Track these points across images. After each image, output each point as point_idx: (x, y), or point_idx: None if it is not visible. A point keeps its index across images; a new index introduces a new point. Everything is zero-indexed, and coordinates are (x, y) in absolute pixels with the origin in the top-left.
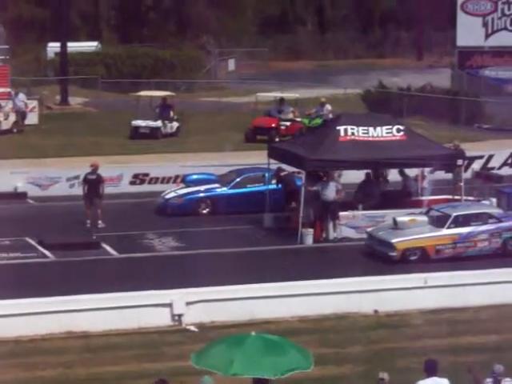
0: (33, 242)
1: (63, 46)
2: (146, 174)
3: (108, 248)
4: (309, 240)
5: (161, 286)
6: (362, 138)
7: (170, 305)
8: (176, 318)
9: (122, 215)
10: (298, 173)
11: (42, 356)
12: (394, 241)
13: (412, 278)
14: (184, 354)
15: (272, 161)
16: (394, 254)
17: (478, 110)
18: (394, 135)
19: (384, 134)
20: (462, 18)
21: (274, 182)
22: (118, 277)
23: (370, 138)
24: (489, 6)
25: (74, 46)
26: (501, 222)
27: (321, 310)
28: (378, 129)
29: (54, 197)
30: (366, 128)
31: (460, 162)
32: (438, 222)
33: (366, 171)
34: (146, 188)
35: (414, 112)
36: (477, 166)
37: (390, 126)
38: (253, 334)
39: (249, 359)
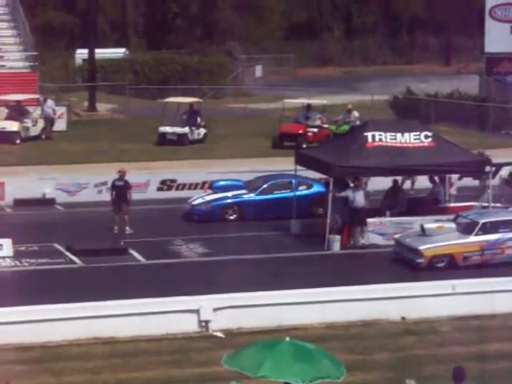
0: (61, 248)
1: (91, 53)
2: (174, 181)
3: (135, 254)
4: (336, 246)
5: (188, 292)
6: (389, 144)
7: (197, 311)
8: (203, 324)
9: (150, 221)
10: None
11: (70, 361)
12: (421, 248)
13: (440, 285)
14: (211, 360)
15: (299, 167)
16: (421, 260)
17: (505, 116)
18: (421, 141)
19: (412, 141)
20: (490, 24)
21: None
22: (146, 283)
23: (398, 144)
24: None
25: (101, 53)
26: None
27: (348, 317)
28: (406, 135)
29: (81, 203)
30: (393, 134)
31: (488, 168)
32: (466, 228)
33: (393, 178)
34: (173, 194)
35: (441, 118)
36: (504, 172)
37: (418, 133)
38: (287, 339)
39: (278, 363)
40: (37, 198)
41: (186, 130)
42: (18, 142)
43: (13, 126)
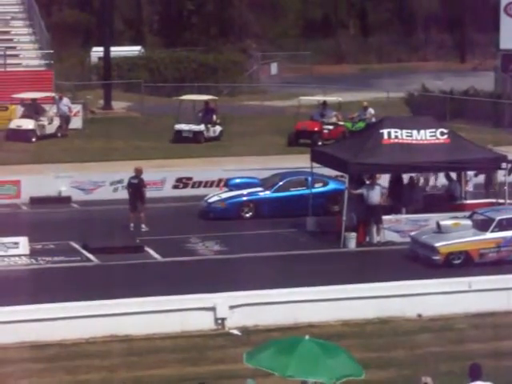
0: (77, 246)
1: (107, 51)
2: (189, 178)
3: (151, 252)
4: (352, 244)
5: (204, 289)
6: (405, 141)
7: (213, 308)
8: (219, 321)
9: (166, 219)
10: (341, 176)
11: (86, 359)
12: (437, 245)
13: (456, 282)
14: (227, 358)
15: (315, 164)
16: (437, 257)
17: None
18: (437, 138)
19: (428, 137)
20: (505, 20)
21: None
22: (162, 280)
23: (414, 141)
24: None
25: (117, 51)
26: None
27: (364, 314)
28: (422, 132)
29: (97, 201)
30: (409, 131)
31: (504, 165)
32: (482, 225)
33: (409, 175)
34: (189, 192)
35: (457, 115)
36: None
37: (434, 129)
38: (307, 337)
39: (306, 362)
40: (53, 196)
41: (202, 127)
42: (34, 140)
43: (29, 124)
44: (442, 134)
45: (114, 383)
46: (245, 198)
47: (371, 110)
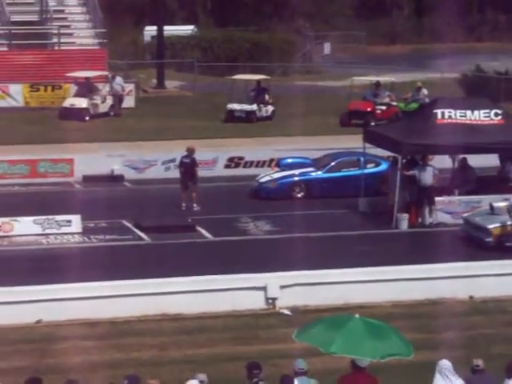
0: (129, 225)
1: (160, 30)
2: (241, 158)
3: (203, 231)
4: (404, 225)
5: (255, 269)
6: (459, 121)
7: (264, 288)
8: (270, 301)
9: (217, 198)
10: (393, 157)
11: (137, 337)
12: (490, 226)
13: (508, 264)
14: (277, 338)
15: (367, 145)
16: (490, 239)
17: None
18: (491, 119)
19: (482, 118)
20: None
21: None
22: (213, 260)
23: (468, 122)
24: None
25: (170, 30)
26: None
27: (415, 296)
28: (476, 112)
29: (149, 180)
30: (463, 111)
31: None
32: None
33: (462, 156)
34: (240, 171)
35: (511, 96)
36: None
37: (488, 110)
38: (356, 316)
39: (350, 340)
40: (105, 174)
41: (254, 107)
42: (87, 118)
43: (82, 102)
44: (497, 114)
45: (165, 361)
46: (296, 178)
47: (425, 91)
